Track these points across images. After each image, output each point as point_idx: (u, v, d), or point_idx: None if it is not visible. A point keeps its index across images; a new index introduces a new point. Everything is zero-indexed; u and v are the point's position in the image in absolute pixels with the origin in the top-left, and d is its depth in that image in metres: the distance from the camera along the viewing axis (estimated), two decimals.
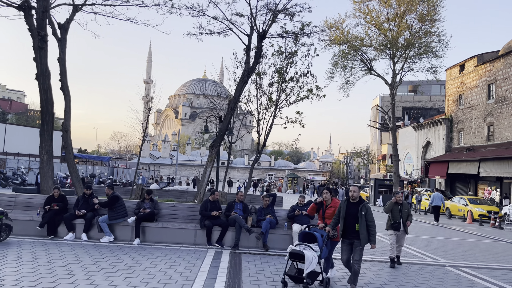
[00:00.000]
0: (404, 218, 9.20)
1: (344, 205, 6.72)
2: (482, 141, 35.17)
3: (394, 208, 9.27)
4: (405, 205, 9.37)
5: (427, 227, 18.65)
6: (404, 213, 9.24)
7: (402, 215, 9.20)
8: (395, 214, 9.20)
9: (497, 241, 14.88)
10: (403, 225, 9.17)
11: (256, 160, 17.86)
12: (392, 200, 9.45)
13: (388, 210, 9.33)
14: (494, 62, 34.27)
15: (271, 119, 18.01)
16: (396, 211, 9.22)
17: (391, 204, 9.34)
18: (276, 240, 9.91)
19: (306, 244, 6.58)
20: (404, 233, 9.29)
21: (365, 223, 6.52)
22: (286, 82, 17.70)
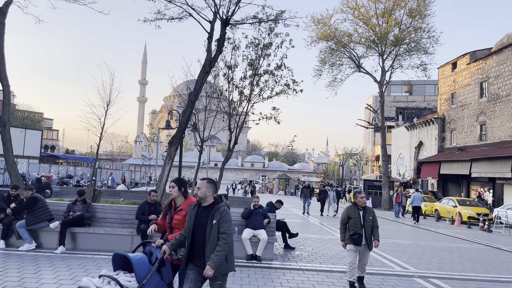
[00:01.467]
0: (367, 228, 6.83)
1: (194, 212, 4.14)
2: (474, 140, 34.11)
3: (354, 214, 6.89)
4: (369, 211, 7.00)
5: (409, 230, 17.52)
6: (368, 221, 6.84)
7: (365, 224, 6.83)
8: (355, 222, 6.85)
9: (482, 246, 13.76)
10: (365, 238, 6.80)
11: (227, 158, 16.78)
12: (359, 200, 6.98)
13: (345, 219, 6.97)
14: (487, 59, 33.25)
15: (244, 115, 16.94)
16: (357, 218, 6.84)
17: (349, 209, 6.99)
18: None
19: (111, 278, 3.79)
20: (367, 248, 6.89)
21: (216, 237, 3.93)
22: (259, 75, 16.61)
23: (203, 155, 75.65)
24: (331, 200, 23.50)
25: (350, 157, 68.69)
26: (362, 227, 6.83)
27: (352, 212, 6.93)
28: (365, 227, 6.84)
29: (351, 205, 7.05)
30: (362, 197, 6.99)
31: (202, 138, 17.67)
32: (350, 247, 6.90)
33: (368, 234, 6.83)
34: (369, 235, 6.84)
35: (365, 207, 7.01)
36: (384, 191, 31.71)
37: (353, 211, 6.94)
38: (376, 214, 24.73)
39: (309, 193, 23.53)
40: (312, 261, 8.98)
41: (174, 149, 12.70)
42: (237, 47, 16.76)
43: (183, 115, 12.69)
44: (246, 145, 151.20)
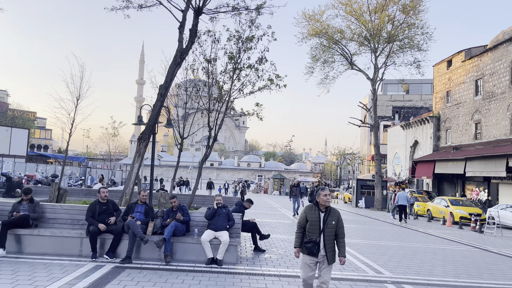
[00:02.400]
0: (327, 235, 5.15)
1: None
2: (469, 139, 33.45)
3: (313, 216, 5.23)
4: (333, 213, 5.27)
5: (396, 231, 16.84)
6: (330, 227, 5.16)
7: (325, 230, 5.15)
8: (312, 226, 5.19)
9: (470, 247, 13.09)
10: (324, 248, 5.14)
11: (205, 156, 16.08)
12: (321, 198, 5.29)
13: (302, 220, 5.34)
14: (482, 56, 32.60)
15: (224, 111, 16.26)
16: (315, 222, 5.18)
17: (308, 210, 5.35)
18: (185, 250, 8.08)
19: None
20: (327, 262, 5.19)
21: None
22: (239, 69, 15.92)
23: (199, 155, 74.79)
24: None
25: (344, 156, 67.91)
26: (321, 233, 5.14)
27: (310, 213, 5.26)
28: (324, 233, 5.13)
29: (311, 205, 5.38)
30: (325, 195, 5.24)
31: (182, 135, 16.98)
32: (305, 258, 5.24)
33: (329, 244, 5.14)
34: (331, 245, 5.15)
35: (329, 208, 5.31)
36: (377, 190, 31.03)
37: (312, 212, 5.25)
38: (368, 214, 23.94)
39: (298, 192, 22.21)
40: (279, 265, 8.30)
41: (144, 146, 12.01)
42: (217, 40, 16.08)
43: (153, 110, 12.01)
44: (244, 145, 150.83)
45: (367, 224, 19.33)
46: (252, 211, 22.89)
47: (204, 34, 16.21)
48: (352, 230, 15.97)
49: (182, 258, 8.04)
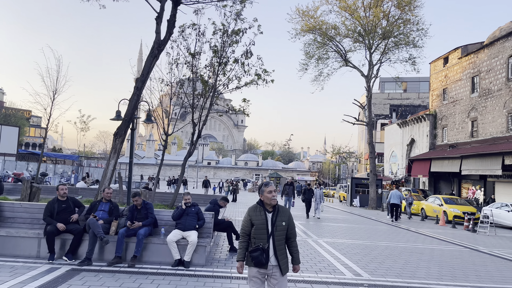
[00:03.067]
0: (278, 240, 4.19)
1: None
2: (465, 137, 33.00)
3: (258, 218, 4.23)
4: (283, 213, 4.28)
5: (386, 230, 16.36)
6: (280, 229, 4.20)
7: (275, 234, 4.18)
8: (258, 231, 4.20)
9: (460, 247, 12.62)
10: (274, 256, 4.16)
11: (189, 154, 15.61)
12: (266, 196, 4.29)
13: (246, 225, 4.31)
14: (478, 53, 32.12)
15: (208, 106, 15.79)
16: (262, 224, 4.20)
17: (252, 211, 4.32)
18: (151, 252, 7.61)
19: None
20: (279, 272, 4.18)
21: None
22: (224, 64, 15.45)
23: (198, 154, 73.96)
24: (318, 199, 20.14)
25: (339, 154, 67.40)
26: (269, 238, 4.16)
27: (255, 214, 4.24)
28: (274, 238, 4.16)
29: (255, 205, 4.34)
30: (270, 192, 4.23)
31: (167, 132, 16.47)
32: (251, 272, 4.19)
33: (281, 250, 4.19)
34: (282, 251, 4.21)
35: (276, 207, 4.29)
36: (372, 189, 30.56)
37: (258, 213, 4.24)
38: (362, 213, 23.37)
39: (291, 191, 21.22)
40: None
41: (120, 142, 11.54)
42: (202, 34, 15.60)
43: (129, 104, 11.54)
44: (242, 144, 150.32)
45: (358, 223, 18.87)
46: (243, 209, 22.43)
47: (189, 28, 15.75)
48: (341, 230, 15.51)
49: (148, 260, 7.57)
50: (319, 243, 11.45)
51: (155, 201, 15.96)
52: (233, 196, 29.81)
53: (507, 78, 28.25)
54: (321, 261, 8.90)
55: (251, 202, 30.70)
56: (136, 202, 7.61)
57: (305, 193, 20.46)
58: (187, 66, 15.33)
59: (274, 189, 4.32)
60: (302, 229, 14.66)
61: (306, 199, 20.18)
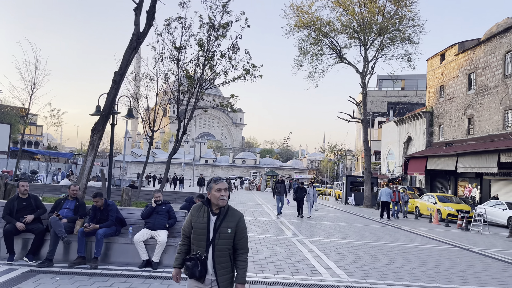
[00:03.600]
0: (219, 249, 3.39)
1: None
2: (462, 134, 32.64)
3: (200, 221, 3.48)
4: (231, 217, 3.50)
5: (377, 229, 15.98)
6: (224, 236, 3.42)
7: (216, 242, 3.40)
8: (197, 236, 3.46)
9: (450, 246, 12.25)
10: (213, 268, 3.38)
11: (174, 150, 15.25)
12: (213, 195, 3.50)
13: (187, 227, 3.56)
14: (475, 49, 31.74)
15: (194, 102, 15.42)
16: (202, 229, 3.45)
17: (195, 211, 3.55)
18: (118, 252, 7.24)
19: None
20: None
21: None
22: (210, 58, 15.07)
23: (194, 152, 73.80)
24: (311, 199, 19.31)
25: (334, 152, 67.01)
26: (209, 246, 3.38)
27: (197, 215, 3.49)
28: (214, 246, 3.37)
29: (200, 204, 3.58)
30: (218, 190, 3.44)
31: (153, 128, 16.08)
32: (190, 284, 3.46)
33: (222, 263, 3.38)
34: (224, 264, 3.38)
35: (225, 209, 3.49)
36: (366, 187, 30.19)
37: (200, 214, 3.49)
38: (356, 211, 22.85)
39: (283, 189, 19.93)
40: None
41: (98, 137, 11.13)
42: (188, 27, 15.22)
43: (107, 99, 11.14)
44: (241, 142, 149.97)
45: (350, 221, 18.51)
46: (235, 207, 22.06)
47: (175, 21, 15.38)
48: (329, 228, 15.15)
49: (115, 261, 7.20)
50: (304, 242, 11.08)
51: (140, 198, 15.60)
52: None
53: (504, 74, 27.88)
54: (300, 261, 8.54)
55: (245, 200, 30.32)
56: (97, 203, 7.19)
57: (297, 192, 19.66)
58: (171, 60, 14.94)
59: (226, 187, 3.48)
60: (290, 228, 14.30)
61: (298, 198, 19.40)
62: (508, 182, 27.24)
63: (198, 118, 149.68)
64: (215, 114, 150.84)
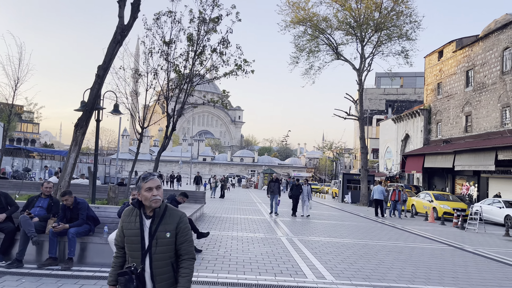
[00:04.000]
0: (157, 259, 2.81)
1: None
2: (459, 132, 32.33)
3: (131, 226, 2.86)
4: (171, 217, 2.89)
5: (370, 227, 15.68)
6: (163, 243, 2.83)
7: (153, 251, 2.81)
8: (130, 245, 2.86)
9: (444, 245, 11.95)
10: (152, 283, 2.81)
11: (163, 147, 14.94)
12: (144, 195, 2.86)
13: (119, 234, 2.95)
14: (473, 46, 31.40)
15: (183, 97, 15.10)
16: (134, 235, 2.84)
17: (127, 214, 2.94)
18: (93, 252, 6.94)
19: None
20: None
21: None
22: (200, 53, 14.74)
23: (192, 149, 73.08)
24: (305, 197, 18.39)
25: (331, 150, 66.68)
26: (145, 257, 2.82)
27: (128, 220, 2.91)
28: (152, 256, 2.81)
29: (130, 208, 2.98)
30: (149, 189, 2.83)
31: (143, 125, 15.72)
32: None
33: (162, 274, 2.84)
34: (165, 275, 2.84)
35: (160, 209, 2.89)
36: (363, 185, 29.90)
37: (132, 218, 2.90)
38: (352, 209, 22.65)
39: (277, 188, 18.96)
40: (205, 269, 7.15)
41: (81, 134, 10.82)
42: (178, 21, 14.88)
43: (90, 94, 10.83)
44: (239, 140, 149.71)
45: (344, 219, 18.21)
46: (229, 206, 21.79)
47: (164, 15, 15.05)
48: (322, 227, 14.85)
49: (90, 261, 6.90)
50: (293, 242, 10.78)
51: (128, 196, 15.28)
52: (221, 192, 29.14)
53: (502, 71, 27.56)
54: (286, 261, 8.23)
55: (240, 198, 30.03)
56: (66, 202, 6.85)
57: (293, 189, 18.86)
58: (160, 55, 14.60)
59: (158, 184, 2.85)
60: (281, 227, 14.00)
61: (293, 195, 18.54)
62: (506, 180, 26.96)
63: (197, 116, 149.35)
64: (213, 112, 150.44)
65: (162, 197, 2.90)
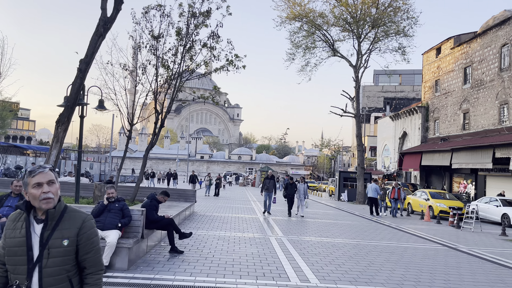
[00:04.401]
0: (48, 272, 2.20)
1: None
2: (457, 130, 32.02)
3: (15, 235, 2.26)
4: (70, 220, 2.29)
5: (363, 226, 15.35)
6: (56, 253, 2.22)
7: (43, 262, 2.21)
8: (13, 259, 2.23)
9: (438, 245, 11.62)
10: None
11: (151, 144, 14.60)
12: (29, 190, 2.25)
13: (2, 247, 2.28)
14: (471, 42, 31.04)
15: (172, 93, 14.74)
16: (18, 248, 2.23)
17: (10, 222, 2.31)
18: None
19: None
20: None
21: None
22: (189, 48, 14.38)
23: (190, 147, 72.57)
24: (301, 195, 17.60)
25: (326, 147, 66.30)
26: (33, 271, 2.21)
27: (13, 228, 2.30)
28: (42, 269, 2.21)
29: (17, 212, 2.35)
30: (38, 185, 2.23)
31: (132, 121, 15.33)
32: None
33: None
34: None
35: (53, 211, 2.27)
36: (359, 183, 29.57)
37: (17, 225, 2.30)
38: (348, 208, 23.06)
39: (272, 186, 17.83)
40: (184, 271, 6.81)
41: (62, 130, 10.48)
42: (166, 15, 14.51)
43: (71, 88, 10.47)
44: (238, 138, 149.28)
45: (338, 218, 17.88)
46: (223, 204, 21.46)
47: (153, 9, 14.67)
48: (313, 226, 14.52)
49: None
50: (282, 242, 10.45)
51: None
52: (216, 191, 28.80)
53: (500, 68, 27.22)
54: (271, 263, 7.90)
55: (235, 196, 29.69)
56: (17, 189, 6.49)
57: (287, 188, 17.69)
58: (148, 50, 14.22)
59: (51, 179, 2.26)
60: (273, 226, 13.66)
61: (288, 195, 17.48)
62: (503, 178, 26.66)
63: (195, 114, 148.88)
64: (212, 110, 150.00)
65: (57, 196, 2.29)
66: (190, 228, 11.39)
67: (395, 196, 20.30)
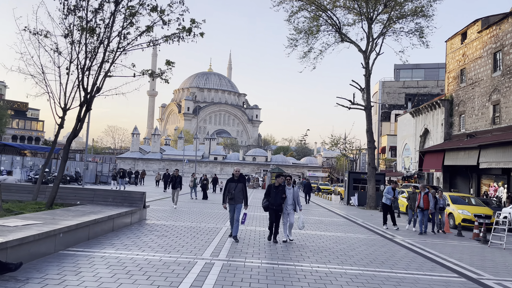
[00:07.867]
0: None
1: None
2: (486, 124, 27.76)
3: None
4: None
5: (357, 240, 11.72)
6: None
7: None
8: None
9: (453, 274, 7.97)
10: None
11: (74, 134, 11.47)
12: None
13: None
14: (501, 23, 26.79)
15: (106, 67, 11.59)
16: None
17: None
18: None
19: None
20: None
21: None
22: (127, 8, 11.21)
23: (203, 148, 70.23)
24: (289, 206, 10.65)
25: (336, 145, 61.97)
26: None
27: None
28: None
29: None
30: None
31: (65, 106, 12.14)
32: None
33: None
34: None
35: None
36: (370, 185, 25.76)
37: None
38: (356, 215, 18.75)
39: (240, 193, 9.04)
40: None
41: None
42: None
43: None
44: (256, 139, 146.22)
45: (330, 230, 14.31)
46: (199, 209, 18.26)
47: None
48: (279, 245, 11.03)
49: None
50: (209, 268, 7.09)
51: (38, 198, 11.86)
52: (204, 193, 25.57)
53: None
54: None
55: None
56: None
57: (270, 194, 10.55)
58: (73, 10, 11.06)
59: None
60: (222, 242, 10.27)
61: (271, 205, 10.45)
62: None
63: (213, 115, 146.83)
64: (230, 111, 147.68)
65: None
66: (102, 244, 8.19)
67: (420, 204, 14.79)
